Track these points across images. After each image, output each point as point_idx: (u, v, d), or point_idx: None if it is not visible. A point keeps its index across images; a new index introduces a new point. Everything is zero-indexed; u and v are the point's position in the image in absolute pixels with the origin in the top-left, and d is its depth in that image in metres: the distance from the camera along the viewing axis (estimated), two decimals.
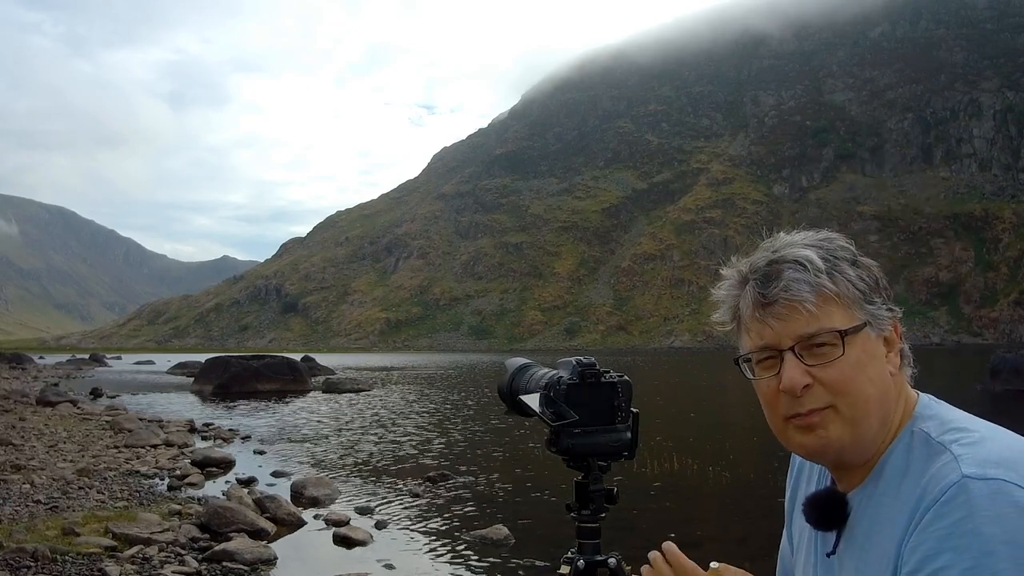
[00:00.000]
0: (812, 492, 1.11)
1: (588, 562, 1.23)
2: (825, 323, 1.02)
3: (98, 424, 16.89)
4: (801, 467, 1.26)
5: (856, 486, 1.02)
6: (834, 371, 1.01)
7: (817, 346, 1.02)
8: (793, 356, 1.03)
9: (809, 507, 1.06)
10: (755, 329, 1.06)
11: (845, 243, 1.06)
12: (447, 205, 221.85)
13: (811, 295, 1.02)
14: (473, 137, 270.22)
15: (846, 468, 1.07)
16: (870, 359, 1.02)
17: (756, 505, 9.34)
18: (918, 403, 1.04)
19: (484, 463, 12.44)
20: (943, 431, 0.97)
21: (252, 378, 29.32)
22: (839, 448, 1.04)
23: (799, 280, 1.02)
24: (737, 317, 1.10)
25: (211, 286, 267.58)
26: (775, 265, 1.04)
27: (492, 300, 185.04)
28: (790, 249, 1.05)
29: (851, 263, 1.04)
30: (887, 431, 1.03)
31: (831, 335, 1.01)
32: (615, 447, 1.23)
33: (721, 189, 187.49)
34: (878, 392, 1.02)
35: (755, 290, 1.05)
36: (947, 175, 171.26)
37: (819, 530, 1.06)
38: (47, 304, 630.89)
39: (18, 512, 7.80)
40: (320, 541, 7.72)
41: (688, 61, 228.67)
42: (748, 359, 1.09)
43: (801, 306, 1.02)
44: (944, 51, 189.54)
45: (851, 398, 1.02)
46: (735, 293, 1.09)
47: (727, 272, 1.12)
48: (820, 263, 1.02)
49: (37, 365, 56.26)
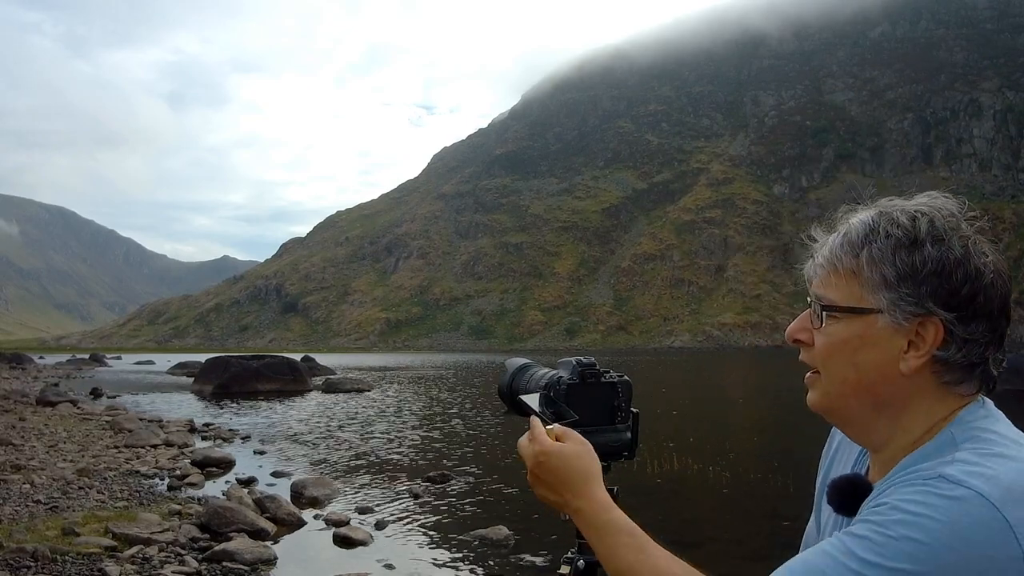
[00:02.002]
0: (840, 475, 1.09)
1: (588, 562, 1.22)
2: (827, 293, 1.02)
3: (98, 424, 16.88)
4: (839, 449, 1.21)
5: (884, 476, 1.00)
6: (819, 340, 1.02)
7: (819, 310, 1.03)
8: (808, 310, 1.05)
9: (832, 490, 1.05)
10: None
11: (910, 223, 0.96)
12: (447, 205, 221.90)
13: (825, 264, 1.02)
14: (473, 137, 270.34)
15: (872, 450, 1.06)
16: (865, 345, 0.98)
17: (756, 505, 9.35)
18: (966, 408, 0.99)
19: (484, 463, 12.44)
20: (967, 437, 0.94)
21: (252, 378, 29.30)
22: (823, 412, 1.05)
23: (831, 246, 1.02)
24: None
25: (211, 286, 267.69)
26: (839, 224, 1.04)
27: (492, 300, 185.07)
28: (860, 212, 1.02)
29: (904, 246, 0.96)
30: (901, 428, 1.00)
31: (821, 304, 1.02)
32: (615, 447, 1.23)
33: (721, 189, 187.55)
34: (861, 379, 0.99)
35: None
36: (947, 175, 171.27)
37: (839, 514, 1.05)
38: (47, 304, 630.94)
39: (18, 512, 7.80)
40: (320, 541, 7.71)
41: (688, 61, 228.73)
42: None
43: (820, 269, 1.03)
44: (944, 51, 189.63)
45: (827, 373, 1.02)
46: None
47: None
48: (857, 236, 0.99)
49: (37, 365, 56.20)
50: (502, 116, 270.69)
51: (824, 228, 1.06)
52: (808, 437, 1.61)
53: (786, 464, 11.18)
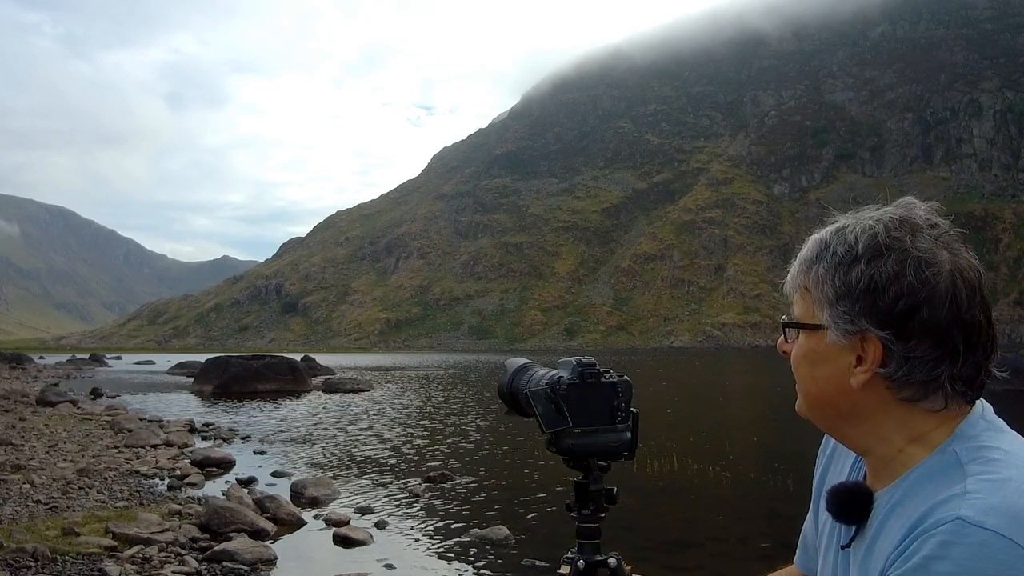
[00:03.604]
0: (838, 482, 1.08)
1: (588, 562, 1.22)
2: (794, 308, 1.04)
3: (98, 424, 16.89)
4: (834, 452, 1.20)
5: (885, 487, 0.99)
6: (792, 352, 1.05)
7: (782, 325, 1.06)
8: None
9: (832, 497, 1.04)
10: None
11: (853, 239, 0.97)
12: (447, 205, 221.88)
13: (789, 281, 1.05)
14: (473, 137, 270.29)
15: (858, 454, 1.07)
16: (820, 360, 1.00)
17: (756, 505, 9.35)
18: (965, 421, 0.97)
19: (484, 463, 12.44)
20: (973, 457, 0.92)
21: (252, 378, 29.31)
22: (806, 418, 1.07)
23: (793, 267, 1.05)
24: None
25: (211, 286, 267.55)
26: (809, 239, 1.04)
27: (492, 300, 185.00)
28: (824, 229, 1.03)
29: (845, 263, 0.96)
30: (876, 437, 0.99)
31: (782, 321, 1.05)
32: (615, 447, 1.23)
33: (721, 189, 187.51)
34: (822, 392, 1.01)
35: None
36: (947, 175, 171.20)
37: (837, 521, 1.05)
38: (47, 304, 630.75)
39: (18, 512, 7.80)
40: (320, 541, 7.72)
41: (688, 61, 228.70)
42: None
43: (787, 285, 1.06)
44: (944, 51, 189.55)
45: (798, 383, 1.04)
46: None
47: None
48: (810, 254, 1.02)
49: (37, 365, 56.21)
50: (502, 116, 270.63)
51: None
52: (807, 437, 1.71)
53: (785, 464, 11.18)
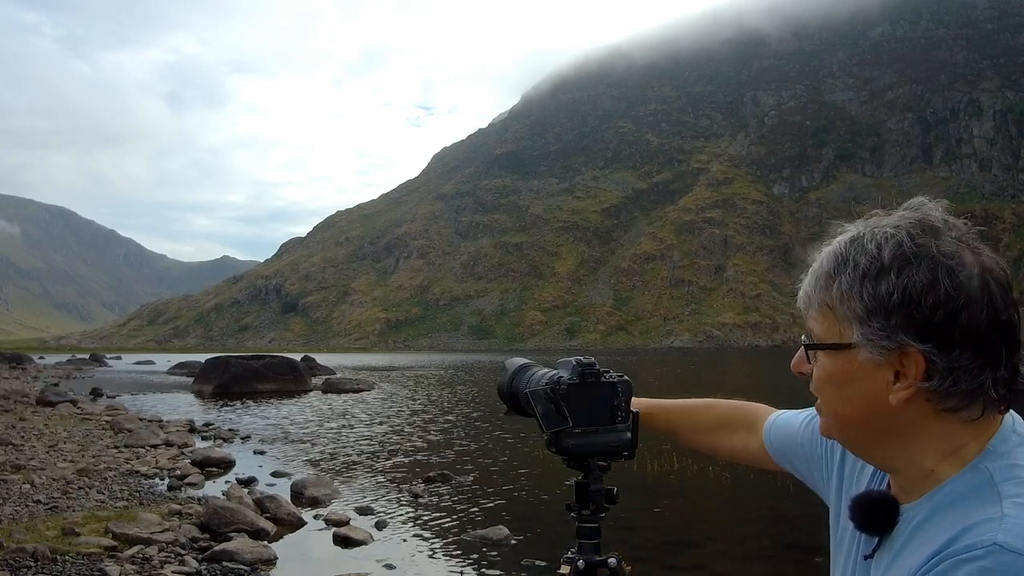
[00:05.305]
0: (863, 492, 1.03)
1: (588, 562, 1.22)
2: (812, 326, 0.98)
3: (98, 424, 16.88)
4: (844, 454, 1.14)
5: (913, 501, 0.94)
6: (814, 372, 1.00)
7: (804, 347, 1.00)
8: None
9: (856, 508, 0.99)
10: None
11: (876, 250, 0.90)
12: (447, 205, 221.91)
13: (804, 299, 0.99)
14: (473, 137, 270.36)
15: (886, 472, 1.02)
16: (851, 380, 0.93)
17: (756, 505, 9.35)
18: (996, 435, 0.90)
19: (484, 463, 12.44)
20: (1007, 477, 0.86)
21: (252, 378, 29.29)
22: (839, 440, 1.03)
23: (807, 282, 0.99)
24: None
25: (211, 286, 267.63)
26: (819, 254, 0.98)
27: (492, 300, 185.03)
28: (836, 240, 0.96)
29: (871, 276, 0.89)
30: (908, 457, 0.94)
31: (804, 343, 1.00)
32: (615, 447, 1.23)
33: (721, 189, 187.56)
34: (853, 413, 0.95)
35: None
36: (947, 175, 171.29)
37: (861, 532, 1.00)
38: (47, 304, 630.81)
39: (18, 512, 7.80)
40: (320, 541, 7.72)
41: (688, 61, 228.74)
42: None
43: (802, 303, 1.00)
44: (944, 51, 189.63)
45: (823, 405, 1.00)
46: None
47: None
48: (828, 268, 0.95)
49: (37, 365, 56.20)
50: (502, 116, 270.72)
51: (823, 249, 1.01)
52: None
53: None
